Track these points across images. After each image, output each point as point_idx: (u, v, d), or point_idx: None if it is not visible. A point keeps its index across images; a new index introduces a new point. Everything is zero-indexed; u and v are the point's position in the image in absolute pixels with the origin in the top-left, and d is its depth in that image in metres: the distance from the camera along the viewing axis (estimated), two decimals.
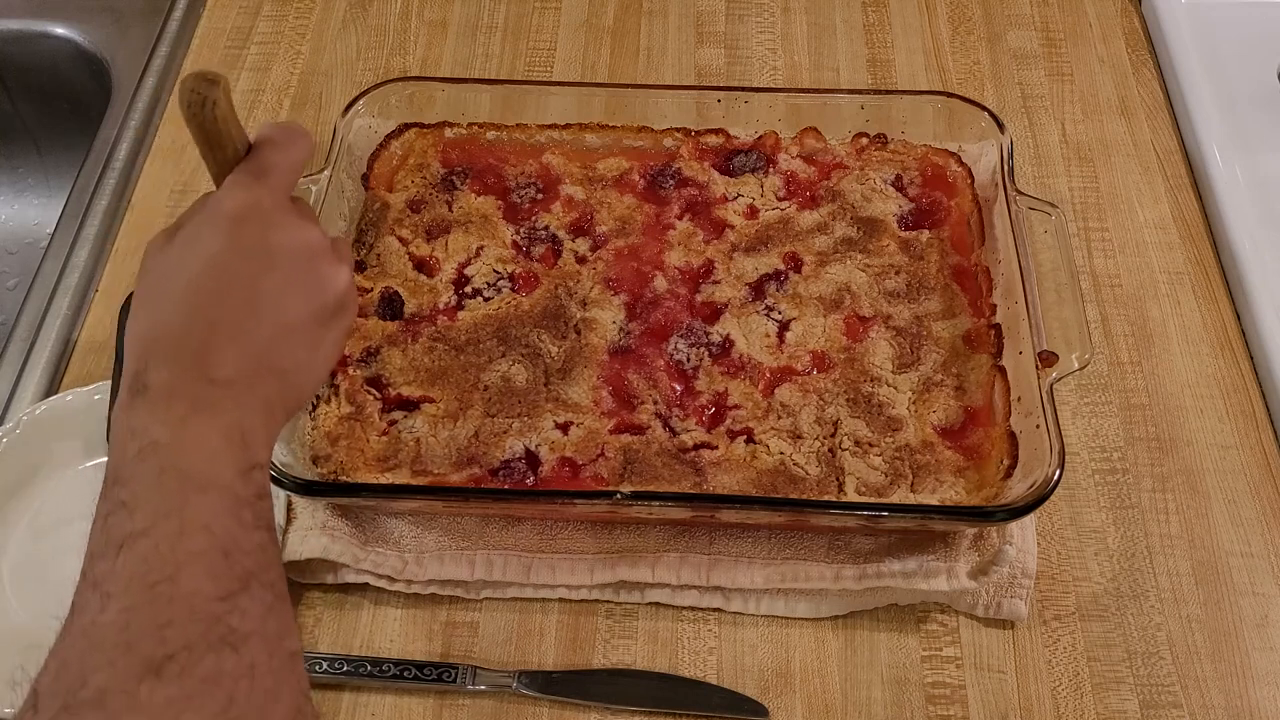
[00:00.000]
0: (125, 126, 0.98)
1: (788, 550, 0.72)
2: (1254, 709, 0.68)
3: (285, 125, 0.56)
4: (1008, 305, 0.74)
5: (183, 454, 0.46)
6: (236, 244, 0.51)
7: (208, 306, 0.50)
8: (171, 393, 0.47)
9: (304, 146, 0.56)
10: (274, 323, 0.51)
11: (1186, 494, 0.77)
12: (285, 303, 0.52)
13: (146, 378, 0.48)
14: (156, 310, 0.51)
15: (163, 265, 0.52)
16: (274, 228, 0.53)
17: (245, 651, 0.42)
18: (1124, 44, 1.03)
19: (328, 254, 0.55)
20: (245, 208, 0.52)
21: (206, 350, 0.49)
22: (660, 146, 0.86)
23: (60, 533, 0.73)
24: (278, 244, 0.52)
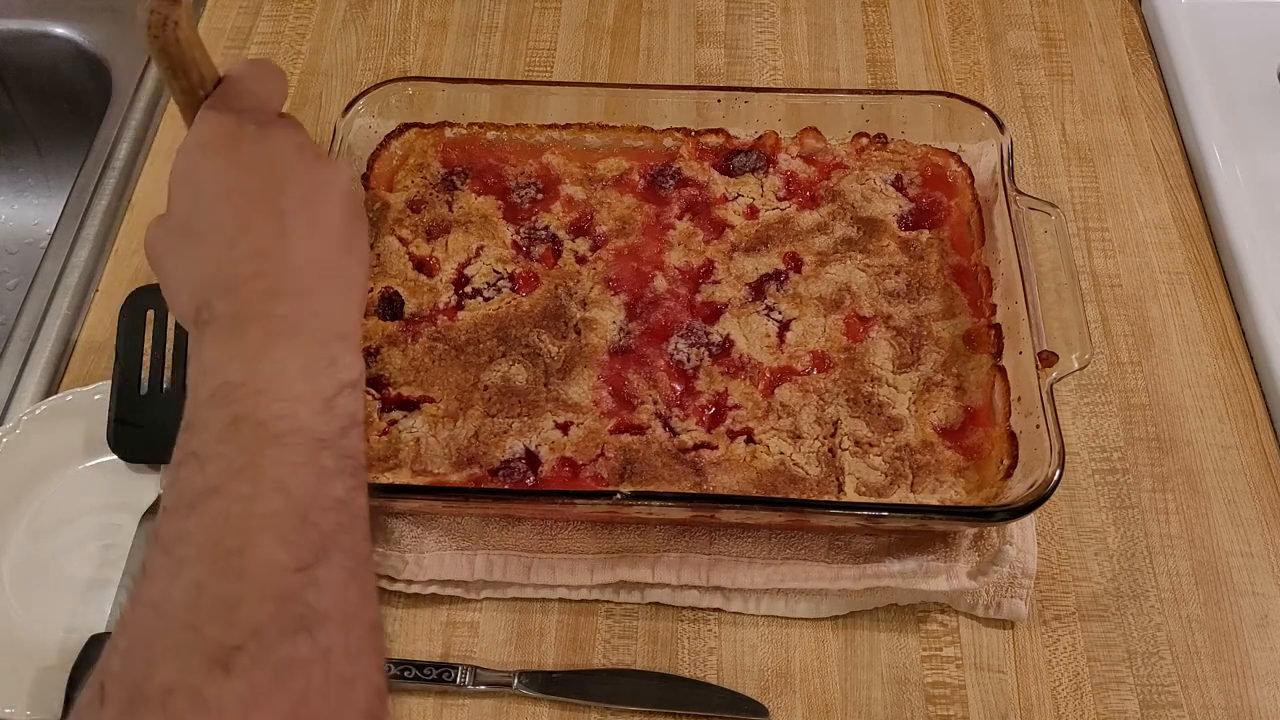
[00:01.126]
0: (125, 126, 0.98)
1: (788, 550, 0.72)
2: (1254, 709, 0.68)
3: (255, 61, 0.55)
4: (1008, 305, 0.74)
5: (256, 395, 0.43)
6: (237, 162, 0.50)
7: (243, 232, 0.49)
8: (242, 318, 0.46)
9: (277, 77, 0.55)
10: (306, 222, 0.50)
11: (1186, 494, 0.77)
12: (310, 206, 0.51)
13: (211, 310, 0.46)
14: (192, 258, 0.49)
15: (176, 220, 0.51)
16: (264, 139, 0.51)
17: (321, 634, 0.39)
18: (1124, 44, 1.03)
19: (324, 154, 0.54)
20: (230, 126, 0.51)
21: (262, 270, 0.47)
22: (660, 146, 0.86)
23: (60, 533, 0.73)
24: (276, 153, 0.51)
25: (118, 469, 0.75)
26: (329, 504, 0.42)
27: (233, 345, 0.45)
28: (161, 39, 0.51)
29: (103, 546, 0.73)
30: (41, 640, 0.69)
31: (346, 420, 0.45)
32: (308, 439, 0.43)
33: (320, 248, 0.50)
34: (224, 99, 0.52)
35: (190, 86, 0.53)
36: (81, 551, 0.73)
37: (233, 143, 0.51)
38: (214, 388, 0.44)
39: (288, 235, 0.49)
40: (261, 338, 0.45)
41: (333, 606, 0.40)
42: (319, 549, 0.41)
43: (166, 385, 0.76)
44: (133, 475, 0.75)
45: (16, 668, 0.67)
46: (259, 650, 0.38)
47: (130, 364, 0.76)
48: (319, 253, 0.50)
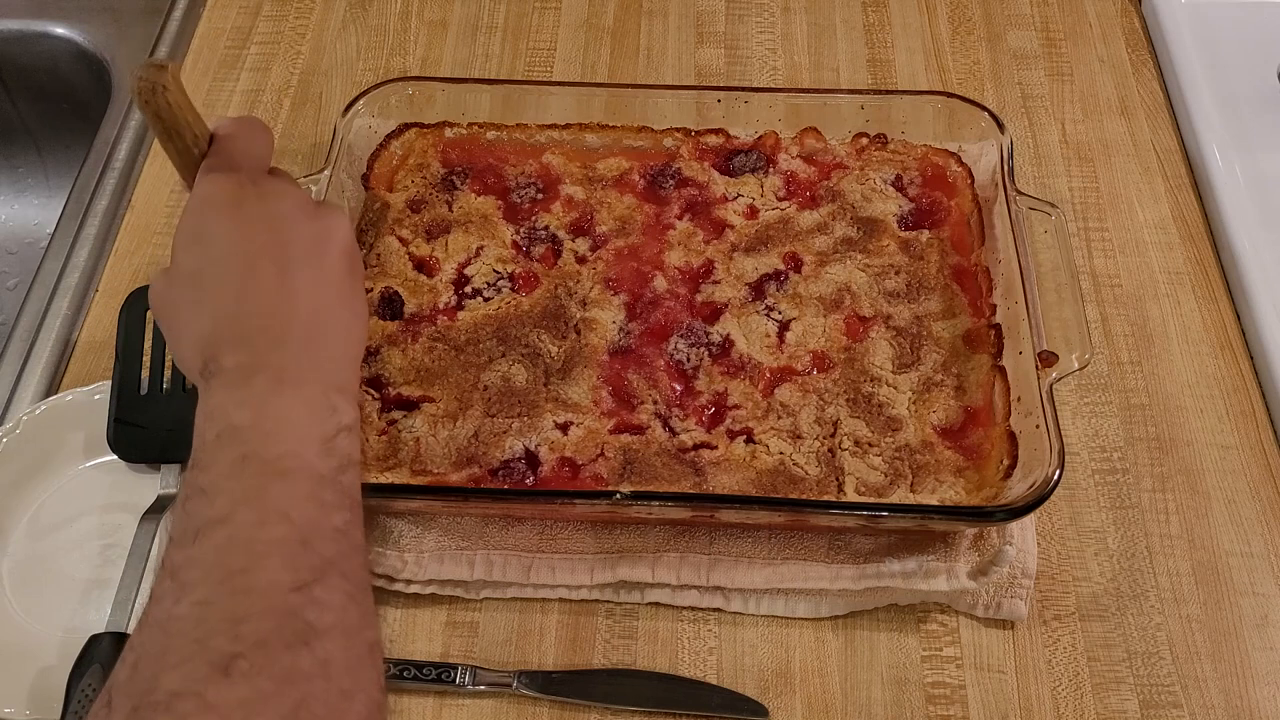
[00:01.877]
0: (125, 126, 0.98)
1: (788, 550, 0.72)
2: (1254, 709, 0.68)
3: (242, 119, 0.57)
4: (1008, 305, 0.74)
5: (263, 436, 0.45)
6: (241, 220, 0.52)
7: (249, 287, 0.50)
8: (249, 369, 0.47)
9: (264, 134, 0.57)
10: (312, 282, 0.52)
11: (1186, 494, 0.77)
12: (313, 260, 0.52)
13: (219, 363, 0.48)
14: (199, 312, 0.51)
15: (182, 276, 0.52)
16: (269, 198, 0.53)
17: (320, 647, 0.41)
18: (1124, 44, 1.03)
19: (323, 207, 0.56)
20: (232, 187, 0.53)
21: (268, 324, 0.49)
22: (660, 146, 0.86)
23: (60, 533, 0.73)
24: (277, 208, 0.53)
25: (118, 469, 0.75)
26: (329, 533, 0.45)
27: (239, 393, 0.47)
28: (153, 104, 0.53)
29: (103, 546, 0.73)
30: (41, 640, 0.69)
31: (344, 459, 0.48)
32: (310, 475, 0.45)
33: (322, 300, 0.52)
34: (222, 159, 0.54)
35: (185, 147, 0.55)
36: (81, 551, 0.73)
37: (236, 201, 0.52)
38: (221, 430, 0.46)
39: (293, 289, 0.51)
40: (267, 386, 0.47)
41: (333, 624, 0.42)
42: (320, 571, 0.43)
43: (166, 385, 0.76)
44: (133, 475, 0.75)
45: (16, 668, 0.67)
46: (262, 659, 0.39)
47: (130, 364, 0.76)
48: (321, 304, 0.52)
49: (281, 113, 0.98)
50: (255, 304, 0.50)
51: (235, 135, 0.56)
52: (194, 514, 0.44)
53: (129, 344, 0.77)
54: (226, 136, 0.55)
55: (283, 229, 0.52)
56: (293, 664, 0.40)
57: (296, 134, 0.97)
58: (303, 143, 0.96)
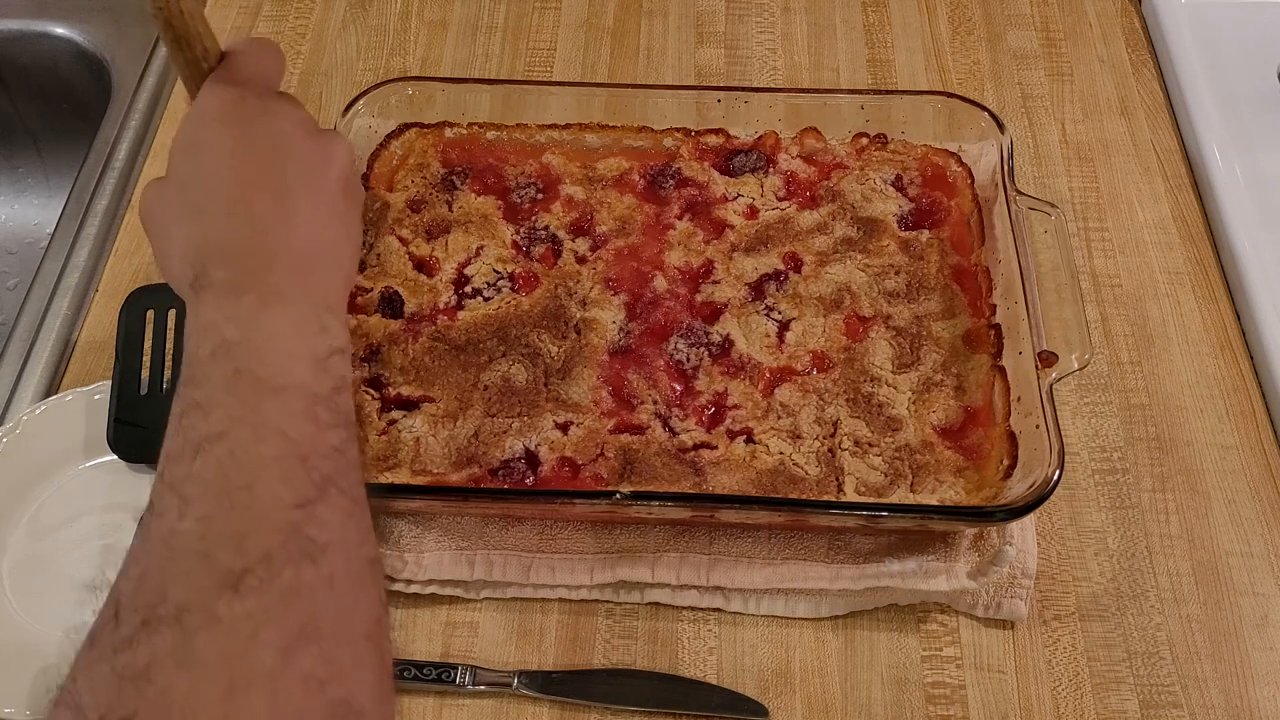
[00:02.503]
0: (125, 126, 0.98)
1: (788, 550, 0.72)
2: (1254, 709, 0.68)
3: (255, 39, 0.57)
4: (1008, 305, 0.74)
5: (255, 353, 0.45)
6: (241, 135, 0.51)
7: (243, 204, 0.50)
8: (238, 286, 0.47)
9: (276, 56, 0.56)
10: (304, 199, 0.51)
11: (1186, 494, 0.77)
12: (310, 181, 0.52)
13: (208, 276, 0.48)
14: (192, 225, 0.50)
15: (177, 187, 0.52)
16: (271, 115, 0.53)
17: (324, 563, 0.42)
18: (1124, 44, 1.03)
19: (325, 131, 0.55)
20: (235, 101, 0.52)
21: (259, 242, 0.49)
22: (660, 146, 0.85)
23: (60, 533, 0.73)
24: (280, 129, 0.52)
25: (118, 469, 0.75)
26: (327, 451, 0.45)
27: (230, 308, 0.47)
28: (166, 11, 0.53)
29: (103, 546, 0.73)
30: (41, 640, 0.69)
31: (338, 381, 0.48)
32: (304, 393, 0.45)
33: (316, 223, 0.51)
34: (229, 72, 0.54)
35: (194, 59, 0.54)
36: (81, 551, 0.73)
37: (237, 116, 0.52)
38: (214, 345, 0.45)
39: (287, 209, 0.50)
40: (257, 303, 0.47)
41: (334, 539, 0.43)
42: (319, 487, 0.43)
43: (166, 385, 0.76)
44: (133, 475, 0.75)
45: (16, 668, 0.67)
46: (267, 574, 0.40)
47: (130, 364, 0.76)
48: (315, 228, 0.51)
49: None
50: (247, 220, 0.49)
51: (247, 53, 0.55)
52: (190, 429, 0.44)
53: (129, 344, 0.77)
54: (238, 53, 0.55)
55: (281, 147, 0.52)
56: (297, 578, 0.41)
57: None
58: None
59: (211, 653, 0.38)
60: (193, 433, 0.44)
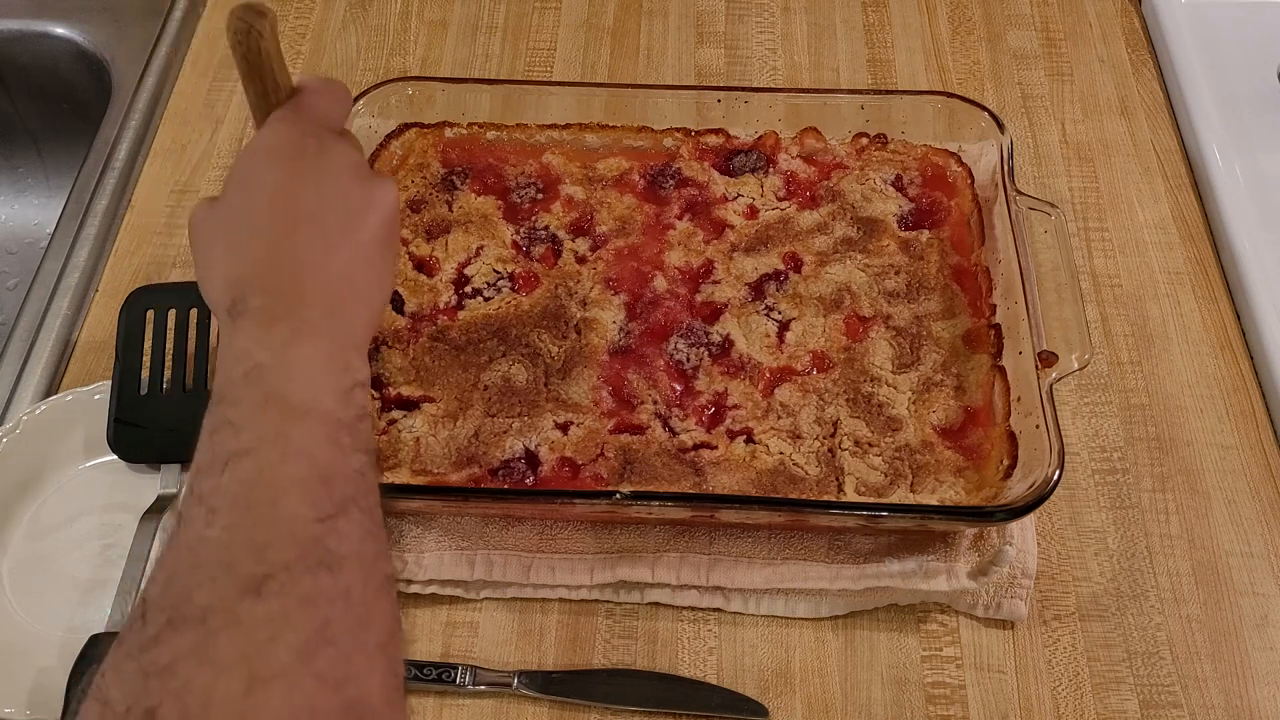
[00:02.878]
0: (125, 126, 0.98)
1: (788, 550, 0.72)
2: (1254, 709, 0.68)
3: (327, 80, 0.59)
4: (1008, 305, 0.74)
5: (286, 379, 0.48)
6: (296, 173, 0.53)
7: (287, 238, 0.52)
8: (272, 316, 0.50)
9: (344, 97, 0.59)
10: (346, 243, 0.54)
11: (1186, 494, 0.77)
12: (352, 225, 0.54)
13: (245, 304, 0.50)
14: (235, 253, 0.52)
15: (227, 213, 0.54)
16: (325, 153, 0.55)
17: (341, 575, 0.44)
18: (1124, 44, 1.03)
19: (376, 177, 0.57)
20: (296, 138, 0.54)
21: (297, 279, 0.51)
22: (660, 146, 0.86)
23: (60, 533, 0.73)
24: (332, 168, 0.54)
25: (118, 469, 0.75)
26: (348, 474, 0.47)
27: (264, 335, 0.49)
28: (244, 46, 0.55)
29: (103, 546, 0.73)
30: (41, 640, 0.69)
31: (360, 410, 0.50)
32: (329, 419, 0.48)
33: (353, 266, 0.54)
34: (295, 111, 0.56)
35: (265, 92, 0.56)
36: (81, 551, 0.73)
37: (295, 155, 0.54)
38: (246, 369, 0.48)
39: (327, 250, 0.53)
40: (290, 333, 0.49)
41: (351, 553, 0.45)
42: (340, 505, 0.46)
43: (166, 385, 0.76)
44: (133, 475, 0.75)
45: (16, 668, 0.67)
46: (287, 580, 0.42)
47: (130, 364, 0.76)
48: (351, 270, 0.54)
49: None
50: (288, 256, 0.52)
51: (316, 92, 0.58)
52: (220, 445, 0.46)
53: (129, 344, 0.77)
54: (307, 91, 0.58)
55: (331, 190, 0.54)
56: (315, 587, 0.43)
57: None
58: None
59: (232, 651, 0.40)
60: (222, 449, 0.46)
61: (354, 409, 0.50)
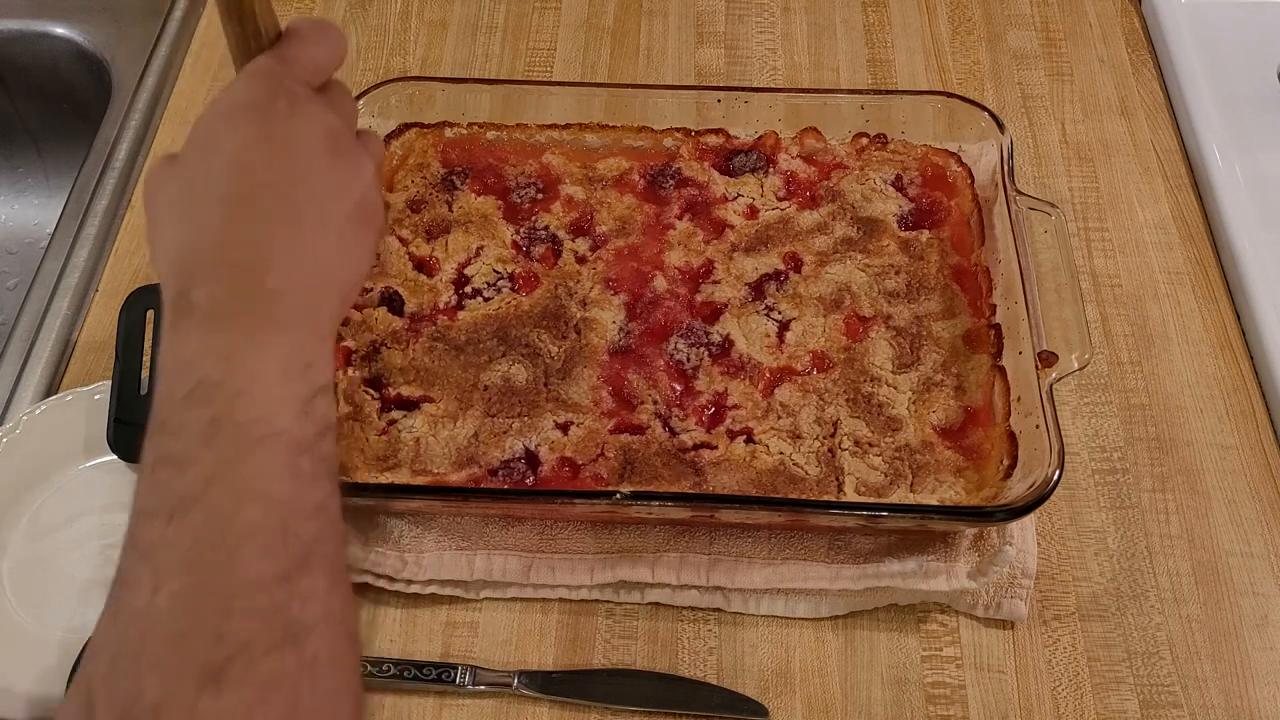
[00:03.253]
0: (125, 126, 0.98)
1: (788, 550, 0.72)
2: (1254, 709, 0.68)
3: (318, 21, 0.52)
4: (1008, 305, 0.74)
5: (236, 398, 0.42)
6: (263, 138, 0.47)
7: (245, 209, 0.46)
8: (222, 312, 0.44)
9: (336, 43, 0.52)
10: (314, 221, 0.47)
11: (1186, 494, 0.77)
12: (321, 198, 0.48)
13: (191, 296, 0.44)
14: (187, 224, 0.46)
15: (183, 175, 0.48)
16: (300, 119, 0.48)
17: (308, 645, 0.40)
18: (1124, 44, 1.03)
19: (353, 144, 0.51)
20: (265, 95, 0.48)
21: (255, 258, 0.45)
22: (660, 146, 0.86)
23: (60, 533, 0.73)
24: (305, 135, 0.48)
25: (118, 469, 0.75)
26: (309, 510, 0.42)
27: (211, 340, 0.43)
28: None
29: (103, 546, 0.73)
30: (41, 640, 0.69)
31: (322, 424, 0.44)
32: (287, 443, 0.42)
33: (321, 248, 0.48)
34: (275, 60, 0.49)
35: (244, 35, 0.50)
36: (81, 551, 0.73)
37: (263, 115, 0.47)
38: (190, 386, 0.42)
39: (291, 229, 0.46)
40: (241, 335, 0.43)
41: (317, 616, 0.40)
42: (301, 559, 0.41)
43: None
44: (133, 475, 0.75)
45: (16, 668, 0.67)
46: (246, 665, 0.38)
47: (130, 364, 0.76)
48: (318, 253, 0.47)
49: None
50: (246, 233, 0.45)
51: (302, 38, 0.50)
52: (164, 485, 0.41)
53: (129, 344, 0.77)
54: (293, 36, 0.50)
55: (299, 158, 0.47)
56: (280, 667, 0.39)
57: None
58: None
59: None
60: (167, 491, 0.41)
61: (315, 424, 0.44)
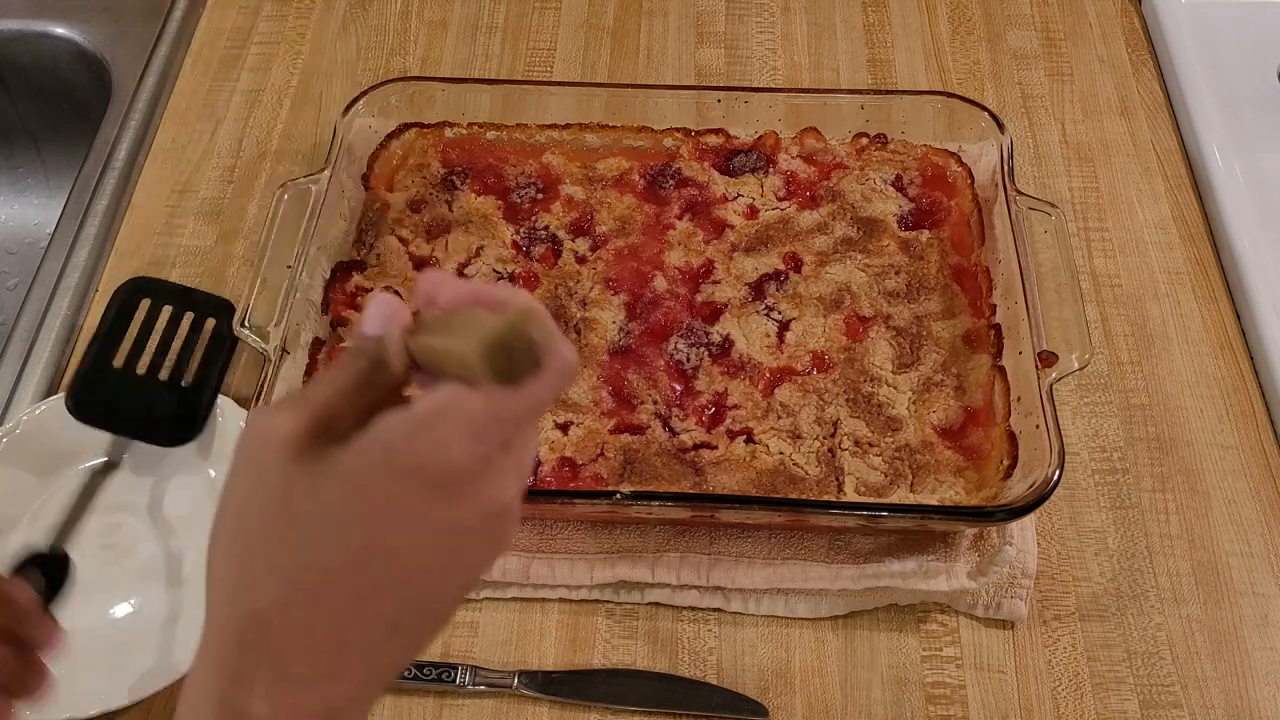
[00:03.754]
0: (125, 126, 0.98)
1: (788, 550, 0.72)
2: (1254, 709, 0.68)
3: None
4: (1008, 305, 0.74)
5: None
6: (310, 498, 0.37)
7: (313, 589, 0.36)
8: None
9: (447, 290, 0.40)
10: (409, 601, 0.38)
11: (1186, 494, 0.76)
12: (422, 575, 0.38)
13: (249, 706, 0.36)
14: (250, 585, 0.37)
15: (218, 539, 0.39)
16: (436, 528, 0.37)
17: None
18: (1124, 44, 1.03)
19: (479, 479, 0.38)
20: (302, 442, 0.37)
21: (320, 659, 0.36)
22: (660, 146, 0.86)
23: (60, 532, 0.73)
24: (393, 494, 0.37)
25: (118, 468, 0.75)
26: None
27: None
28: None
29: (103, 546, 0.73)
30: None
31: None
32: None
33: (418, 635, 0.39)
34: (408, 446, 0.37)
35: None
36: (81, 551, 0.72)
37: (308, 455, 0.37)
38: None
39: (370, 613, 0.37)
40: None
41: None
42: None
43: (141, 372, 0.76)
44: (133, 476, 0.75)
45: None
46: None
47: (114, 337, 0.77)
48: (416, 642, 0.39)
49: (281, 113, 0.98)
50: (308, 613, 0.36)
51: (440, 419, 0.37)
52: None
53: (117, 322, 0.78)
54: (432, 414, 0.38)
55: (379, 520, 0.36)
56: None
57: (296, 134, 0.97)
58: (303, 143, 0.96)
59: None
60: None
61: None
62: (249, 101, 0.99)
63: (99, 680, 0.66)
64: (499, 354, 0.38)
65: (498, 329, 0.38)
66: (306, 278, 0.75)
